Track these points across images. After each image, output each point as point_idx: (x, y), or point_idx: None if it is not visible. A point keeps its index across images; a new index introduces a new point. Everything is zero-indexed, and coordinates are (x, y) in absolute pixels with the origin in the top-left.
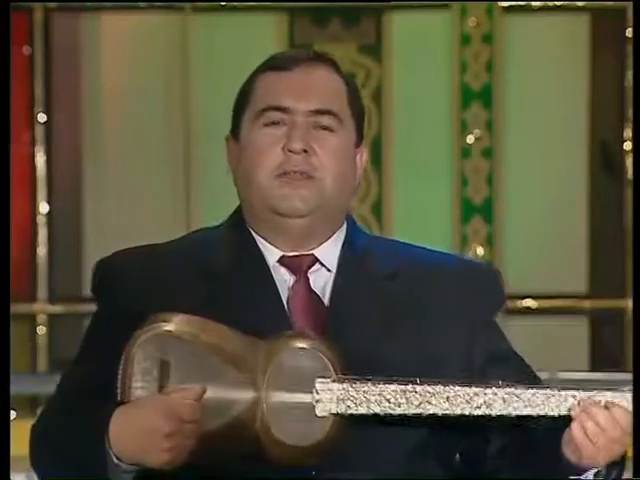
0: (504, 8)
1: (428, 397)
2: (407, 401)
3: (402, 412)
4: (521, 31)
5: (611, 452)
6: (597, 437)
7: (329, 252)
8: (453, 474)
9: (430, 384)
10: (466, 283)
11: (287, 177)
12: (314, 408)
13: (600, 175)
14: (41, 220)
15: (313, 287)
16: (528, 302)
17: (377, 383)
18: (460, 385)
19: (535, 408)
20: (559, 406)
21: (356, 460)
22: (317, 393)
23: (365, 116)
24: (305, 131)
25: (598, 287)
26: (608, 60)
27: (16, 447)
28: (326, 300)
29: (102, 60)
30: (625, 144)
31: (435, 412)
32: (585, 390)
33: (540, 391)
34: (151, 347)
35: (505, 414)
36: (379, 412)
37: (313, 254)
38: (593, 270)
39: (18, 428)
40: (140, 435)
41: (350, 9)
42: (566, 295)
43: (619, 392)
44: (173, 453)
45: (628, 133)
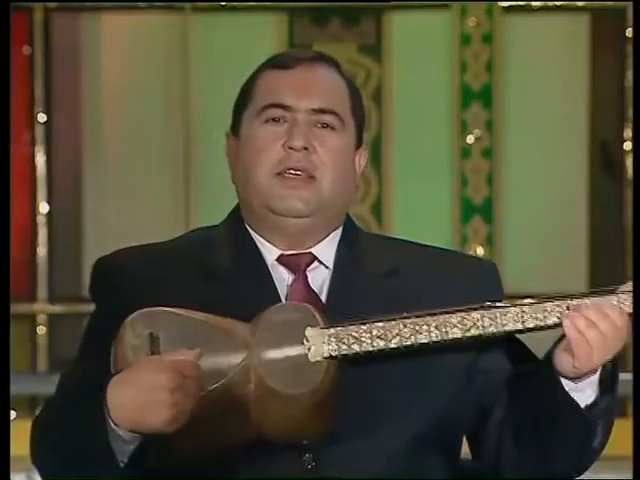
0: (504, 8)
1: (418, 327)
2: (398, 334)
3: (395, 345)
4: (521, 31)
5: (605, 349)
6: (589, 331)
7: (327, 250)
8: (458, 469)
9: (418, 316)
10: (464, 278)
11: (286, 176)
12: (307, 356)
13: (600, 175)
14: (41, 220)
15: (311, 285)
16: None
17: (366, 322)
18: (447, 313)
19: (525, 322)
20: (547, 317)
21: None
22: (308, 340)
23: (366, 119)
24: (306, 129)
25: (598, 287)
26: (608, 60)
27: (16, 447)
28: (324, 297)
29: (102, 60)
30: (625, 144)
31: (427, 341)
32: (571, 298)
33: (526, 306)
34: (139, 325)
35: (496, 332)
36: (371, 349)
37: (311, 252)
38: (593, 270)
39: (18, 428)
40: (142, 393)
41: (350, 9)
42: (566, 295)
43: (606, 295)
44: (175, 410)
45: (628, 133)
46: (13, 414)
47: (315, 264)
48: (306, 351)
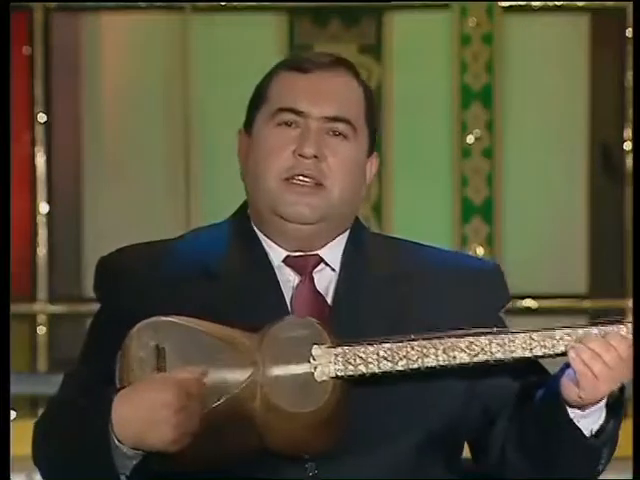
0: (504, 8)
1: (425, 351)
2: (405, 357)
3: (401, 368)
4: (521, 31)
5: (610, 381)
6: (594, 363)
7: (334, 252)
8: (459, 473)
9: (425, 338)
10: (471, 281)
11: (295, 182)
12: (313, 374)
13: (600, 175)
14: (41, 220)
15: (317, 287)
16: (528, 302)
17: (373, 343)
18: (455, 336)
19: (533, 350)
20: (555, 345)
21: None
22: (314, 359)
23: (379, 126)
24: (318, 137)
25: (598, 287)
26: (608, 60)
27: (16, 447)
28: (329, 299)
29: (102, 60)
30: (625, 144)
31: (434, 365)
32: (580, 327)
33: (535, 333)
34: (145, 336)
35: (503, 358)
36: (377, 371)
37: (318, 254)
38: (593, 270)
39: (18, 428)
40: (147, 412)
41: (350, 9)
42: (566, 295)
43: (614, 325)
44: (180, 429)
45: (628, 133)
46: (13, 414)
47: (321, 266)
48: (312, 370)
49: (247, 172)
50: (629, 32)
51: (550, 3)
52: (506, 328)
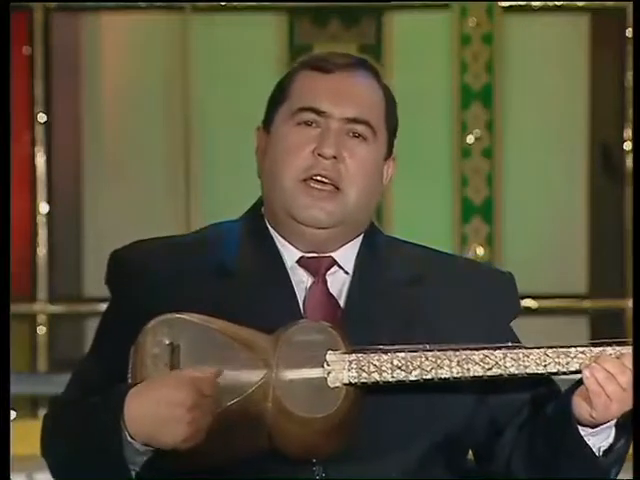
0: (504, 8)
1: (439, 362)
2: (419, 367)
3: (415, 378)
4: (521, 31)
5: (623, 402)
6: (608, 383)
7: (348, 255)
8: (464, 473)
9: (440, 350)
10: (483, 289)
11: (312, 185)
12: (326, 380)
13: (600, 175)
14: (41, 220)
15: (330, 289)
16: (528, 302)
17: (388, 352)
18: (470, 349)
19: (547, 366)
20: (569, 362)
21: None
22: (328, 365)
23: (398, 128)
24: (338, 137)
25: (598, 287)
26: (608, 60)
27: (16, 447)
28: (342, 302)
29: (102, 60)
30: (625, 144)
31: (447, 376)
32: (595, 346)
33: (550, 349)
34: (160, 333)
35: (517, 373)
36: (391, 380)
37: (332, 256)
38: (593, 270)
39: (18, 428)
40: (161, 409)
41: (350, 9)
42: (566, 295)
43: (630, 346)
44: (192, 428)
45: (628, 133)
46: (13, 414)
47: (335, 268)
48: (326, 375)
49: (264, 170)
50: (629, 32)
51: (550, 3)
52: (520, 343)
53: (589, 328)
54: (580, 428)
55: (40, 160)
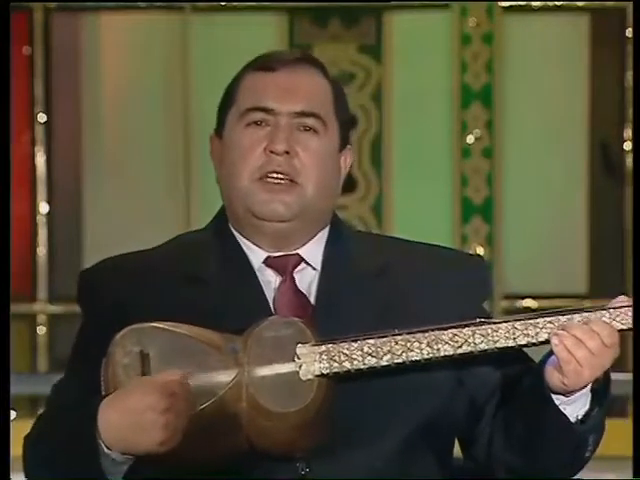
0: (504, 8)
1: (409, 345)
2: (389, 352)
3: (386, 363)
4: (521, 31)
5: (594, 368)
6: (577, 350)
7: (314, 250)
8: (450, 468)
9: (409, 333)
10: (453, 274)
11: (268, 180)
12: (298, 373)
13: (600, 175)
14: (41, 220)
15: (299, 287)
16: (528, 302)
17: (357, 340)
18: (439, 329)
19: (516, 339)
20: (538, 333)
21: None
22: (299, 358)
23: (352, 120)
24: (288, 133)
25: (598, 287)
26: (608, 60)
27: (16, 447)
28: (312, 299)
29: (102, 60)
30: (625, 144)
31: (418, 358)
32: (562, 315)
33: (518, 322)
34: (129, 342)
35: (487, 349)
36: (362, 367)
37: (298, 254)
38: (593, 270)
39: (18, 428)
40: (133, 416)
41: (350, 9)
42: (566, 295)
43: (597, 312)
44: (167, 430)
45: (628, 133)
46: (13, 414)
47: (302, 265)
48: (297, 369)
49: (221, 175)
50: (629, 32)
51: (550, 3)
52: (489, 319)
53: None
54: (555, 397)
55: (40, 160)
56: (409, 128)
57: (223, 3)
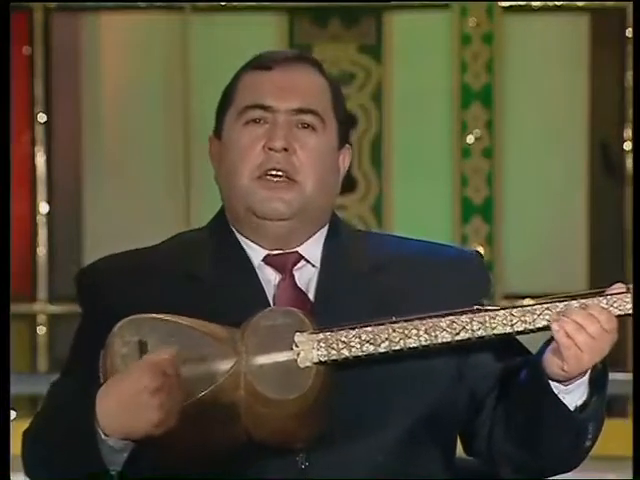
0: (504, 8)
1: (407, 332)
2: (387, 339)
3: (384, 350)
4: (521, 31)
5: (593, 352)
6: (578, 334)
7: (313, 248)
8: (452, 465)
9: (407, 320)
10: (451, 271)
11: (267, 178)
12: (296, 361)
13: (600, 175)
14: (41, 220)
15: (299, 284)
16: (528, 302)
17: (355, 327)
18: (437, 316)
19: (514, 326)
20: (535, 320)
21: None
22: (297, 346)
23: (351, 119)
24: (286, 130)
25: (598, 287)
26: (608, 60)
27: (16, 447)
28: (311, 296)
29: (102, 60)
30: (625, 144)
31: (416, 345)
32: (559, 301)
33: (515, 309)
34: (128, 333)
35: (485, 335)
36: (360, 354)
37: (297, 251)
38: (593, 270)
39: (18, 428)
40: (128, 399)
41: (350, 9)
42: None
43: (594, 297)
44: (162, 411)
45: (628, 133)
46: (13, 414)
47: (302, 263)
48: (295, 357)
49: (220, 175)
50: (629, 32)
51: (550, 3)
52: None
53: None
54: (553, 385)
55: (40, 160)
56: (409, 128)
57: (223, 3)
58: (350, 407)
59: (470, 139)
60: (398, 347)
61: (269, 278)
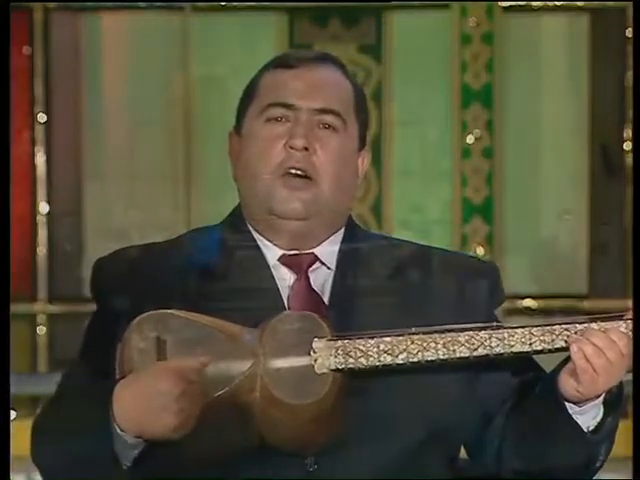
0: (504, 8)
1: (425, 345)
2: (405, 350)
3: (402, 362)
4: (521, 31)
5: (610, 376)
6: (596, 358)
7: (329, 250)
8: (457, 470)
9: (426, 333)
10: (467, 279)
11: (287, 177)
12: (313, 367)
13: (600, 175)
14: (41, 220)
15: (313, 286)
16: (528, 302)
17: (374, 336)
18: (456, 331)
19: (532, 345)
20: (554, 340)
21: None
22: (315, 352)
23: (369, 123)
24: (308, 129)
25: (598, 287)
26: (608, 60)
27: (16, 447)
28: (326, 298)
29: (102, 60)
30: (625, 144)
31: (433, 359)
32: (579, 323)
33: (534, 328)
34: (147, 328)
35: (503, 353)
36: (378, 364)
37: (313, 253)
38: (593, 270)
39: (18, 428)
40: (148, 400)
41: (350, 9)
42: (566, 295)
43: (614, 321)
44: (181, 416)
45: (628, 133)
46: (13, 414)
47: (317, 264)
48: (312, 362)
49: (239, 171)
50: (629, 32)
51: (550, 3)
52: (505, 324)
53: None
54: (567, 405)
55: (40, 160)
56: (409, 128)
57: (223, 3)
58: (360, 412)
59: (470, 139)
60: (416, 359)
61: (284, 278)
